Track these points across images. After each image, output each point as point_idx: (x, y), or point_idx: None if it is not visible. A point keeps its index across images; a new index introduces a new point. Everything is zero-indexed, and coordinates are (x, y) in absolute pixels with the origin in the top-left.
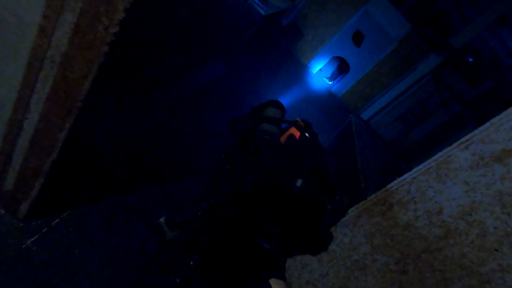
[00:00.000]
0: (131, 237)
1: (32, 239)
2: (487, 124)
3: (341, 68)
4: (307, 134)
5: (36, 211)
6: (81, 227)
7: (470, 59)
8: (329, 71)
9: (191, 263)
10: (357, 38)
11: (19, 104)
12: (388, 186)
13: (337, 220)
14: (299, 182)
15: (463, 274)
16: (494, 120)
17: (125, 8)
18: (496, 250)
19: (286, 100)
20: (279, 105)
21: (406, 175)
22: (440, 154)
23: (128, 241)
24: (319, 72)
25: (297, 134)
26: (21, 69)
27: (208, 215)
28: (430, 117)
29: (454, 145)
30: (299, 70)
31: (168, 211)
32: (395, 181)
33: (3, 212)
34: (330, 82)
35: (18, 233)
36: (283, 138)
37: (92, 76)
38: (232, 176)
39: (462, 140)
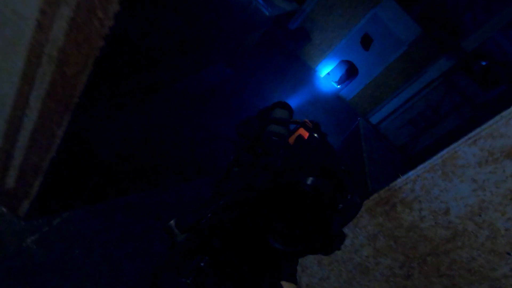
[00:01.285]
0: (136, 238)
1: (32, 238)
2: (497, 118)
3: (350, 72)
4: (316, 135)
5: (37, 210)
6: (83, 226)
7: (483, 63)
8: (337, 75)
9: (202, 264)
10: (366, 42)
11: (19, 101)
12: (391, 184)
13: (350, 219)
14: (309, 180)
15: (472, 280)
16: (504, 113)
17: (120, 0)
18: (508, 253)
19: (293, 103)
20: (286, 106)
21: (410, 173)
22: (446, 150)
23: (132, 242)
24: (327, 76)
25: (305, 134)
26: (20, 65)
27: (217, 217)
28: (441, 121)
29: (461, 140)
30: (306, 74)
31: (177, 214)
32: (399, 179)
33: (4, 210)
34: (338, 86)
35: (19, 231)
36: (291, 139)
37: (89, 72)
38: (241, 178)
39: (469, 135)
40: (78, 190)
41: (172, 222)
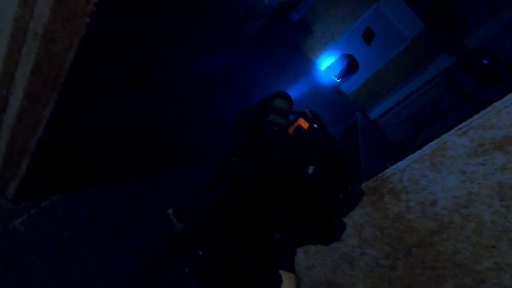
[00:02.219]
0: (127, 224)
1: (19, 220)
2: (489, 108)
3: (350, 66)
4: (315, 125)
5: (25, 192)
6: (72, 210)
7: (485, 61)
8: (337, 69)
9: (200, 253)
10: (368, 36)
11: (4, 79)
12: (380, 174)
13: (350, 209)
14: (310, 169)
15: (456, 272)
16: (496, 103)
17: None
18: (493, 247)
19: (292, 96)
20: (286, 96)
21: (399, 163)
22: (435, 140)
23: (123, 227)
24: (328, 69)
25: (305, 125)
26: (5, 42)
27: (216, 206)
28: (441, 119)
29: (451, 130)
30: (307, 66)
31: (175, 202)
32: (387, 169)
33: None
34: (338, 80)
35: (5, 212)
36: (291, 130)
37: (75, 50)
38: (239, 168)
39: (460, 125)
40: (66, 173)
41: (170, 210)
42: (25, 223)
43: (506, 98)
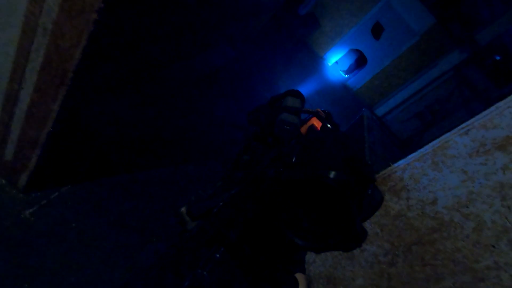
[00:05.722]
0: (132, 216)
1: (30, 210)
2: (492, 108)
3: (359, 61)
4: (328, 125)
5: (36, 183)
6: (80, 202)
7: (497, 57)
8: (345, 64)
9: (217, 256)
10: (377, 31)
11: (15, 74)
12: (381, 172)
13: (370, 215)
14: (332, 174)
15: (455, 270)
16: (500, 103)
17: None
18: (493, 246)
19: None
20: (298, 95)
21: (400, 161)
22: (438, 139)
23: (129, 219)
24: (335, 65)
25: (318, 124)
26: (16, 37)
27: (230, 207)
28: (449, 116)
29: (453, 130)
30: (314, 61)
31: (188, 201)
32: (389, 168)
33: (3, 182)
34: (346, 76)
35: (17, 203)
36: (303, 129)
37: (83, 46)
38: (251, 167)
39: (462, 125)
40: (75, 165)
41: (183, 209)
42: (35, 214)
43: (509, 98)
